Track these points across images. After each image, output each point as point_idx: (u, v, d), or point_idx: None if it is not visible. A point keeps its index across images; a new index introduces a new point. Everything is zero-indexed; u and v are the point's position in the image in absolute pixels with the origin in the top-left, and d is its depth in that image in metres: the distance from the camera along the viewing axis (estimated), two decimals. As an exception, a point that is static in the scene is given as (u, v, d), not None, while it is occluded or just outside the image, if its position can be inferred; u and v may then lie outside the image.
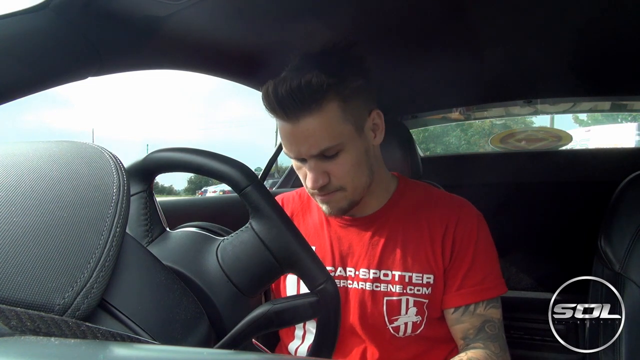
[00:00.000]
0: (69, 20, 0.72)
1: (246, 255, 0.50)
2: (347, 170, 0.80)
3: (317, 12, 0.97)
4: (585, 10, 0.97)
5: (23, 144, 0.40)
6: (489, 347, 0.82)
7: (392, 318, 0.85)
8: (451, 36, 1.10)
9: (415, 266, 0.85)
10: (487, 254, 0.88)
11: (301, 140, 0.78)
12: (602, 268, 1.07)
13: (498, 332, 0.85)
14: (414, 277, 0.85)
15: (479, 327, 0.84)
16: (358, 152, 0.81)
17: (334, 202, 0.83)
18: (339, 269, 0.89)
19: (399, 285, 0.85)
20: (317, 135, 0.77)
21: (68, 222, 0.33)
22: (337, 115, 0.77)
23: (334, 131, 0.77)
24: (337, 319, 0.53)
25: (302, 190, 1.02)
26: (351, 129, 0.80)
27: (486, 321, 0.84)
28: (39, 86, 0.72)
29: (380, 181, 0.91)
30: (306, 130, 0.77)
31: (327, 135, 0.77)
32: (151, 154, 0.54)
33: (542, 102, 1.71)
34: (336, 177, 0.81)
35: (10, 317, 0.25)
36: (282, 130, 0.80)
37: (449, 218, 0.88)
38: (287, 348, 0.96)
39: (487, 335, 0.83)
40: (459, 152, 7.78)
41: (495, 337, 0.84)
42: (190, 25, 0.90)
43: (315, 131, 0.76)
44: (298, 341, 0.94)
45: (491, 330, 0.84)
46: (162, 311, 0.40)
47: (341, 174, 0.80)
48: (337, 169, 0.80)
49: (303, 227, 0.96)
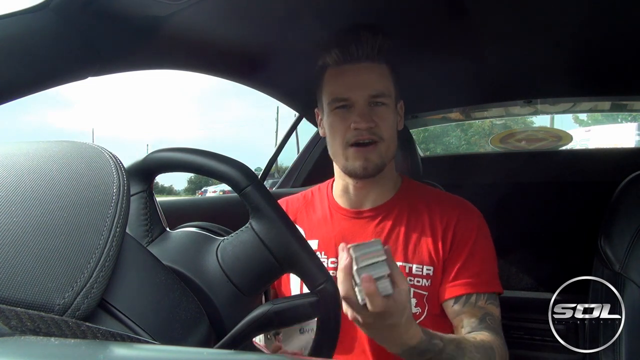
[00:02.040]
0: (69, 20, 0.71)
1: (246, 255, 0.50)
2: (389, 124, 0.90)
3: (317, 12, 0.97)
4: (586, 10, 0.97)
5: (23, 144, 0.40)
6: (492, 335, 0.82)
7: None
8: (451, 36, 1.10)
9: (416, 258, 0.88)
10: (485, 252, 0.90)
11: (358, 83, 0.88)
12: (602, 268, 1.07)
13: (498, 327, 0.85)
14: (414, 269, 0.87)
15: (480, 318, 0.84)
16: (394, 117, 0.93)
17: (370, 156, 0.89)
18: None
19: None
20: (373, 80, 0.89)
21: (68, 222, 0.33)
22: (388, 75, 0.91)
23: (386, 83, 0.90)
24: (337, 318, 0.53)
25: (306, 193, 1.06)
26: (393, 95, 0.92)
27: (487, 314, 0.85)
28: (39, 86, 0.72)
29: (390, 172, 0.96)
30: (365, 74, 0.89)
31: (382, 83, 0.90)
32: (151, 154, 0.54)
33: (542, 102, 1.71)
34: (379, 126, 0.88)
35: (10, 317, 0.25)
36: (338, 75, 0.91)
37: (451, 213, 0.91)
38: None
39: (489, 327, 0.83)
40: (459, 152, 7.78)
41: (497, 330, 0.84)
42: (190, 25, 0.90)
43: (372, 76, 0.89)
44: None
45: (492, 323, 0.84)
46: (162, 311, 0.40)
47: (384, 125, 0.89)
48: (381, 119, 0.89)
49: (307, 223, 0.99)
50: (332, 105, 0.91)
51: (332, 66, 0.92)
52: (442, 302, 0.88)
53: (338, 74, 0.91)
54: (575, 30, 1.07)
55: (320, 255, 0.93)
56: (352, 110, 0.89)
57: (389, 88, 0.90)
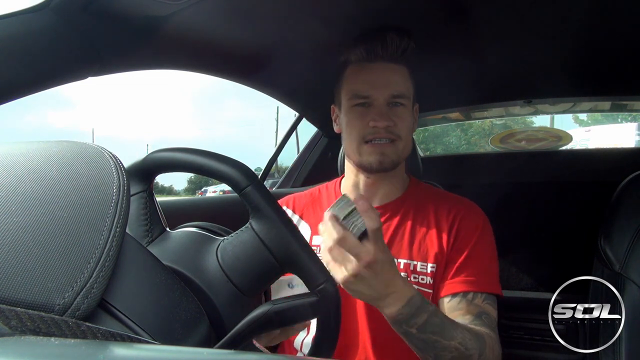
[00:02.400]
0: (69, 20, 0.71)
1: (246, 255, 0.50)
2: (406, 124, 0.92)
3: (317, 12, 0.97)
4: (585, 10, 0.97)
5: (23, 144, 0.40)
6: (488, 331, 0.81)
7: None
8: (451, 36, 1.10)
9: (420, 255, 0.89)
10: (487, 252, 0.90)
11: (380, 82, 0.90)
12: (602, 268, 1.07)
13: (494, 327, 0.84)
14: (419, 266, 0.88)
15: (476, 315, 0.83)
16: (411, 118, 0.95)
17: (387, 151, 0.90)
18: None
19: (404, 272, 0.88)
20: (394, 80, 0.91)
21: (68, 222, 0.33)
22: (407, 77, 0.94)
23: (406, 84, 0.93)
24: (337, 319, 0.53)
25: (313, 190, 1.08)
26: (411, 96, 0.94)
27: (483, 312, 0.84)
28: (39, 86, 0.72)
29: (401, 171, 0.99)
30: (388, 74, 0.91)
31: (402, 84, 0.92)
32: (151, 154, 0.54)
33: (542, 102, 1.71)
34: (397, 125, 0.90)
35: (10, 317, 0.25)
36: (360, 73, 0.92)
37: (456, 212, 0.92)
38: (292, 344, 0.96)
39: (484, 324, 0.82)
40: (459, 152, 7.78)
41: (492, 329, 0.83)
42: (190, 25, 0.90)
43: (393, 77, 0.92)
44: (303, 333, 0.95)
45: (488, 321, 0.83)
46: (162, 311, 0.40)
47: (402, 124, 0.91)
48: (399, 118, 0.91)
49: (313, 218, 1.00)
50: (351, 102, 0.92)
51: (354, 63, 0.93)
52: (438, 300, 0.88)
53: (360, 72, 0.92)
54: (575, 30, 1.07)
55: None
56: (371, 109, 0.90)
57: (409, 90, 0.93)
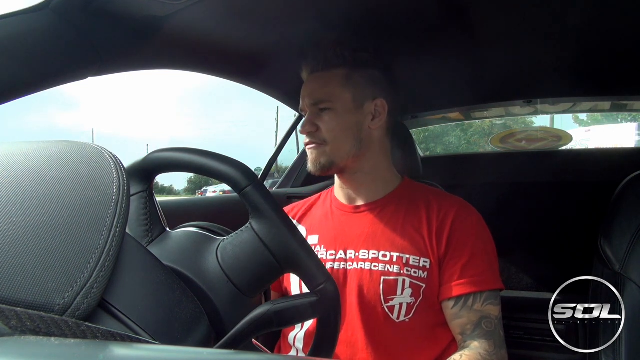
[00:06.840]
0: (69, 20, 0.71)
1: (246, 255, 0.50)
2: (333, 127, 0.94)
3: (317, 12, 0.97)
4: (585, 11, 0.97)
5: (23, 144, 0.40)
6: (483, 345, 0.85)
7: (388, 297, 0.89)
8: (451, 36, 1.10)
9: (412, 249, 0.90)
10: (487, 252, 0.92)
11: (307, 92, 0.97)
12: (602, 268, 1.07)
13: (494, 329, 0.87)
14: (412, 260, 0.90)
15: (475, 323, 0.87)
16: (348, 120, 0.95)
17: (316, 154, 0.95)
18: (339, 252, 0.95)
19: (397, 265, 0.89)
20: (315, 88, 0.96)
21: (68, 222, 0.33)
22: (338, 82, 0.94)
23: (330, 89, 0.94)
24: (337, 318, 0.53)
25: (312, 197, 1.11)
26: (348, 98, 0.94)
27: (483, 317, 0.87)
28: (39, 86, 0.72)
29: (379, 168, 1.00)
30: (311, 84, 0.97)
31: (324, 90, 0.95)
32: (151, 154, 0.54)
33: (542, 102, 1.71)
34: (322, 130, 0.94)
35: (10, 317, 0.25)
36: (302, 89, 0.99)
37: (447, 211, 0.93)
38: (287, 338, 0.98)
39: (483, 332, 0.87)
40: (459, 152, 7.78)
41: (491, 334, 0.87)
42: (190, 25, 0.90)
43: (316, 85, 0.96)
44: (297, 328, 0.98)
45: (488, 327, 0.87)
46: (162, 311, 0.40)
47: (326, 129, 0.94)
48: (325, 124, 0.94)
49: (309, 221, 1.04)
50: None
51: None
52: (441, 302, 0.90)
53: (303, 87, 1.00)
54: (575, 30, 1.07)
55: (320, 249, 0.96)
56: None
57: (333, 92, 0.94)
